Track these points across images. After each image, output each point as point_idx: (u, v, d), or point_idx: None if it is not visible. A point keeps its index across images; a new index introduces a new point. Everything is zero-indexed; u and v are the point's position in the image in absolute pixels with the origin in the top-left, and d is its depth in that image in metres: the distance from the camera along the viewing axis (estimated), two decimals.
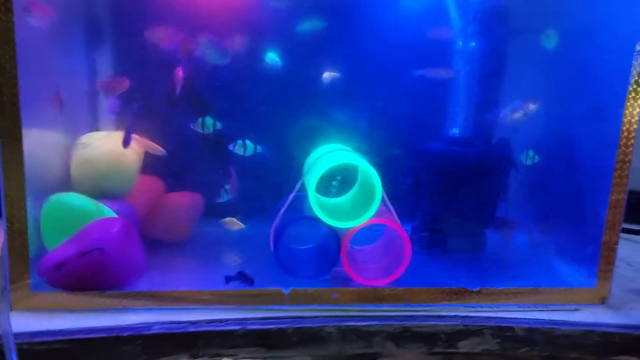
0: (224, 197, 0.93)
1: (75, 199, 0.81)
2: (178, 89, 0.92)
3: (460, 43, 1.04)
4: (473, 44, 1.03)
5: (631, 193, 0.84)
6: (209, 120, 0.90)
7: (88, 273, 0.74)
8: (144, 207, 0.93)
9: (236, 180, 0.94)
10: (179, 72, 0.92)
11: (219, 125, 0.91)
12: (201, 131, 0.91)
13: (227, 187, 0.93)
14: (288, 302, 0.79)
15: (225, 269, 0.88)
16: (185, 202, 0.98)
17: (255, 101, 0.99)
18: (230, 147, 0.91)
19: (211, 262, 0.92)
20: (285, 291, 0.79)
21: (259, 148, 0.92)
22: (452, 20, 1.02)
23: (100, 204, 0.82)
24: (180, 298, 0.78)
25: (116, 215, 0.82)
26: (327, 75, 0.99)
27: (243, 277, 0.81)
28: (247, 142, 0.92)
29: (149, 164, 0.94)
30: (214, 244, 0.97)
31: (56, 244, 0.77)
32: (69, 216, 0.79)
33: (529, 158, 0.98)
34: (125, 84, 0.91)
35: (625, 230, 1.18)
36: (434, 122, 1.06)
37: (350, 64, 1.03)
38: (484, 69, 1.04)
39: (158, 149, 0.93)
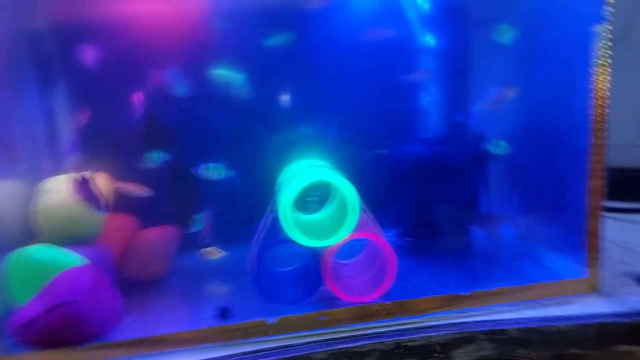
0: (196, 227, 0.90)
1: (40, 251, 0.77)
2: (137, 116, 0.89)
3: (425, 42, 1.02)
4: (432, 42, 1.01)
5: (616, 170, 0.83)
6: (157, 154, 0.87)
7: (61, 328, 0.71)
8: (117, 247, 0.90)
9: (209, 224, 0.90)
10: (137, 97, 0.89)
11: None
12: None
13: (197, 216, 0.89)
14: (274, 332, 0.77)
15: (208, 303, 0.85)
16: (159, 237, 0.95)
17: (223, 124, 0.96)
18: (197, 170, 0.88)
19: (192, 298, 0.88)
20: (271, 321, 0.76)
21: (228, 172, 0.89)
22: (414, 20, 1.00)
23: (69, 252, 0.79)
24: (162, 341, 0.75)
25: (87, 262, 0.78)
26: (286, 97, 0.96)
27: (225, 313, 0.78)
28: (215, 165, 0.88)
29: (118, 202, 0.91)
30: (194, 278, 0.94)
31: (25, 300, 0.73)
32: (35, 270, 0.75)
33: (498, 147, 0.96)
34: (85, 116, 0.88)
35: (612, 209, 1.18)
36: (407, 125, 1.04)
37: (318, 74, 1.00)
38: (451, 66, 1.02)
39: (139, 190, 0.90)
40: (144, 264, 0.92)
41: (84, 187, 0.80)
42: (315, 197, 0.96)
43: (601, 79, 0.78)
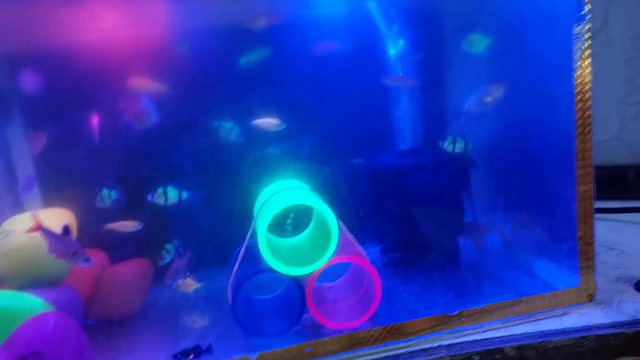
0: (166, 259, 0.85)
1: (2, 298, 0.72)
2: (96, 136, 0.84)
3: (399, 51, 0.98)
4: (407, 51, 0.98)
5: (600, 169, 0.80)
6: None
7: None
8: (86, 286, 0.85)
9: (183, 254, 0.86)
10: (94, 120, 0.84)
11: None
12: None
13: (169, 246, 0.85)
14: None
15: (186, 339, 0.80)
16: (132, 271, 0.89)
17: (191, 151, 0.92)
18: (149, 197, 0.83)
19: (169, 334, 0.83)
20: (252, 357, 0.72)
21: (184, 194, 0.84)
22: (387, 31, 0.96)
23: (33, 297, 0.73)
24: None
25: (51, 308, 0.73)
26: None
27: (197, 352, 0.73)
28: (169, 189, 0.83)
29: (86, 237, 0.86)
30: (170, 312, 0.89)
31: None
32: None
33: (456, 145, 0.91)
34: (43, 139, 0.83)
35: (599, 210, 1.14)
36: (383, 137, 1.00)
37: (288, 91, 0.96)
38: (427, 74, 0.99)
39: (131, 225, 0.85)
40: (116, 302, 0.87)
41: (62, 241, 0.73)
42: (289, 220, 0.91)
43: (583, 81, 0.75)
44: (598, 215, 1.11)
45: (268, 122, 0.90)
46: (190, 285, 0.86)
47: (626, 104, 1.29)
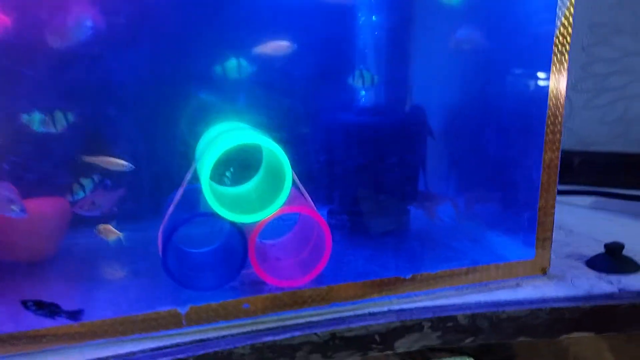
0: (78, 195, 0.73)
1: None
2: None
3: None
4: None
5: None
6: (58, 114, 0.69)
7: None
8: None
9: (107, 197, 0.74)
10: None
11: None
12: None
13: (83, 182, 0.73)
14: (187, 324, 0.63)
15: (104, 290, 0.70)
16: (46, 210, 0.77)
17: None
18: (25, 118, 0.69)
19: (84, 284, 0.73)
20: (182, 310, 0.63)
21: (70, 117, 0.71)
22: None
23: None
24: (41, 337, 0.59)
25: None
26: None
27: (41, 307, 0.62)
28: (57, 113, 0.70)
29: None
30: (88, 260, 0.78)
31: None
32: None
33: (362, 79, 0.82)
34: None
35: None
36: (342, 91, 0.93)
37: (238, 30, 0.86)
38: (393, 29, 0.92)
39: (120, 164, 0.72)
40: (26, 243, 0.75)
41: None
42: (228, 173, 0.82)
43: (560, 49, 0.71)
44: None
45: (275, 45, 0.78)
46: (111, 232, 0.75)
47: (577, 91, 1.29)
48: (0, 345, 0.58)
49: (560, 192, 1.14)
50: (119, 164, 0.73)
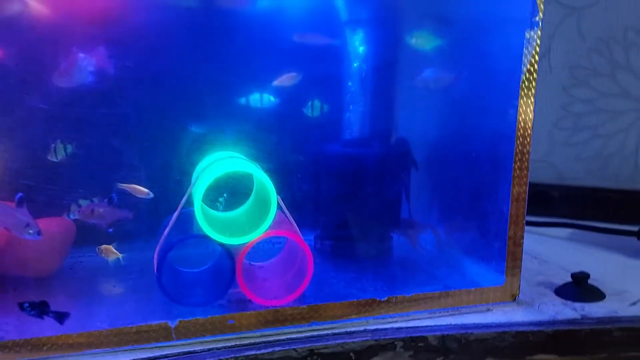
0: (75, 214, 0.79)
1: None
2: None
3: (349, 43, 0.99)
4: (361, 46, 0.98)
5: (530, 186, 0.82)
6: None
7: None
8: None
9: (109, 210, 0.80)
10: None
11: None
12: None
13: (83, 202, 0.79)
14: (176, 337, 0.69)
15: (102, 304, 0.76)
16: (52, 229, 0.83)
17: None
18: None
19: (84, 298, 0.78)
20: (172, 324, 0.69)
21: (69, 148, 0.79)
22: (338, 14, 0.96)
23: None
24: (43, 345, 0.65)
25: None
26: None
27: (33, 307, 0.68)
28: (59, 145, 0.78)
29: (5, 187, 0.80)
30: (89, 277, 0.84)
31: None
32: None
33: (314, 109, 0.92)
34: None
35: (526, 223, 1.19)
36: (329, 124, 0.99)
37: (233, 63, 0.94)
38: (376, 67, 1.00)
39: (144, 192, 0.80)
40: (31, 259, 0.80)
41: (14, 213, 0.68)
42: (221, 199, 0.89)
43: (527, 85, 0.77)
44: (527, 227, 1.16)
45: (287, 77, 0.88)
46: (112, 253, 0.81)
47: (558, 128, 1.35)
48: (5, 352, 0.64)
49: (539, 224, 1.21)
50: (144, 192, 0.81)
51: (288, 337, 0.72)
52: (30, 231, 0.69)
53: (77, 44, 0.78)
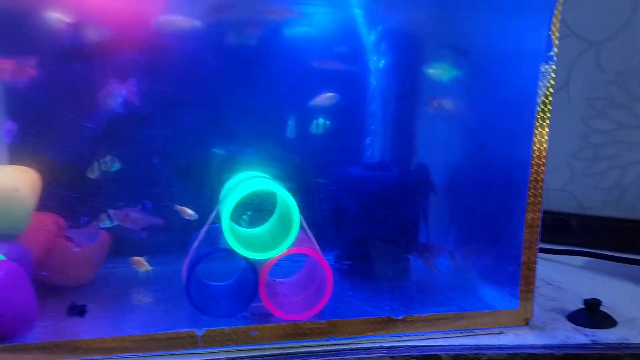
0: (105, 224, 0.85)
1: None
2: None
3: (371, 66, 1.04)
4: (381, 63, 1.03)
5: (547, 213, 0.85)
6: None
7: None
8: (40, 247, 0.84)
9: (141, 215, 0.86)
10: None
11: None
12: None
13: (110, 212, 0.85)
14: (202, 345, 0.73)
15: (133, 312, 0.81)
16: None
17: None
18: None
19: (117, 305, 0.83)
20: (199, 333, 0.73)
21: (114, 165, 0.86)
22: (361, 43, 1.02)
23: None
24: (78, 348, 0.70)
25: (3, 258, 0.72)
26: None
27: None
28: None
29: (49, 200, 0.86)
30: (122, 286, 0.89)
31: None
32: None
33: (319, 127, 0.98)
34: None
35: (542, 250, 1.21)
36: (351, 147, 1.04)
37: (262, 88, 1.00)
38: (397, 93, 1.05)
39: (190, 213, 0.87)
40: (68, 269, 0.86)
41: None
42: (245, 217, 0.94)
43: (543, 115, 0.81)
44: (541, 254, 1.19)
45: (325, 97, 0.94)
46: (143, 265, 0.87)
47: (577, 158, 1.38)
48: (44, 353, 0.68)
49: (556, 252, 1.23)
50: (190, 214, 0.88)
51: (307, 350, 0.76)
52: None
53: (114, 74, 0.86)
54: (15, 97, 0.87)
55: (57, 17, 0.81)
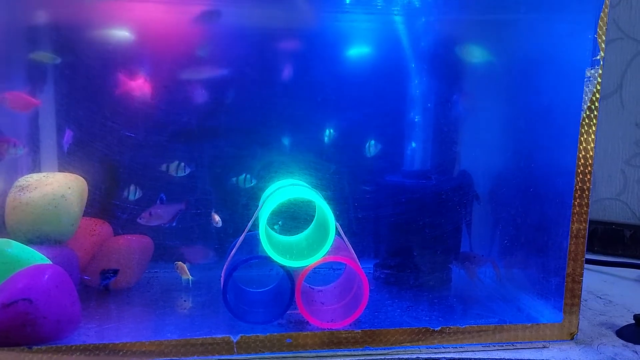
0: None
1: (3, 245, 0.75)
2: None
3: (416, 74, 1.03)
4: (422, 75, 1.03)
5: (599, 223, 0.82)
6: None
7: (14, 326, 0.68)
8: (87, 252, 0.87)
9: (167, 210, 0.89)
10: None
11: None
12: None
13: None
14: (237, 351, 0.74)
15: (172, 316, 0.83)
16: (132, 245, 0.92)
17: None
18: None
19: (157, 310, 0.85)
20: (234, 339, 0.74)
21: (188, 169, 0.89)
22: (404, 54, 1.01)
23: (32, 250, 0.76)
24: (119, 350, 0.72)
25: (49, 262, 0.76)
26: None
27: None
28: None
29: (95, 207, 0.90)
30: (163, 290, 0.91)
31: None
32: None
33: (371, 148, 1.00)
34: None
35: (592, 262, 1.16)
36: (393, 155, 1.04)
37: (308, 98, 1.01)
38: (439, 102, 1.03)
39: (217, 220, 0.92)
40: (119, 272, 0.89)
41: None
42: (276, 227, 0.95)
43: (590, 122, 0.78)
44: (592, 266, 1.14)
45: None
46: (185, 273, 0.89)
47: (632, 166, 1.31)
48: (86, 354, 0.71)
49: (607, 263, 1.18)
50: (217, 220, 0.92)
51: (342, 359, 0.75)
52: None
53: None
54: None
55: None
